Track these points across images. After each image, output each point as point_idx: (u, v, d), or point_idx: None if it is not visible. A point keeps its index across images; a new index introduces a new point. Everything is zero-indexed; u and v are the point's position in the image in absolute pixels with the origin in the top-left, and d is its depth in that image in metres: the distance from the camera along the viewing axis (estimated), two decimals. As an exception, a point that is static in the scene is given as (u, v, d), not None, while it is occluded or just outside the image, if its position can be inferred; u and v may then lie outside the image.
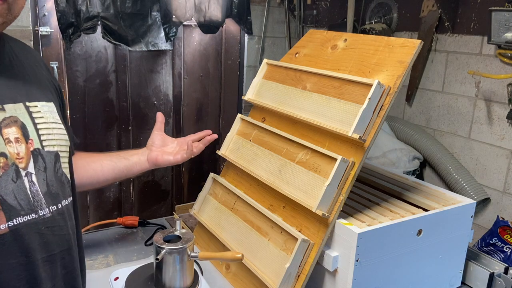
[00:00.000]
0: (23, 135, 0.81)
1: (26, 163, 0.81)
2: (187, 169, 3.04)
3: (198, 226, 1.50)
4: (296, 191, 1.18)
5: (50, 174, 0.85)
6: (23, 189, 0.79)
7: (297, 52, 1.46)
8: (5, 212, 0.76)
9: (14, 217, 0.77)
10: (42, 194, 0.82)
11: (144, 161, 1.24)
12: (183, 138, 1.32)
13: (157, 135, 1.29)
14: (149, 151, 1.26)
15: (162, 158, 1.25)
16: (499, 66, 2.02)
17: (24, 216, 0.78)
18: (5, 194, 0.76)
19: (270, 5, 2.98)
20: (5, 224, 0.75)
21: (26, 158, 0.81)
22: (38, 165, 0.83)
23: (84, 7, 2.32)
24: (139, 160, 1.24)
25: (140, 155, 1.24)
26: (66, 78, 2.49)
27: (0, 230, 0.75)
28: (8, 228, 0.76)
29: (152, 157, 1.24)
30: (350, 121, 1.13)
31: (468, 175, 2.17)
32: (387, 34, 2.46)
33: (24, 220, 0.78)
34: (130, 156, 1.23)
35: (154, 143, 1.27)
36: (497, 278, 1.32)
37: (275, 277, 1.13)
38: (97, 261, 1.38)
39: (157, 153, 1.25)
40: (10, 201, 0.77)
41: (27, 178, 0.80)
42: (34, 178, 0.82)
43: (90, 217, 2.77)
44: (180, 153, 1.26)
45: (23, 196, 0.79)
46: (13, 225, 0.76)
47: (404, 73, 1.13)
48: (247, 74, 3.03)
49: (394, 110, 2.59)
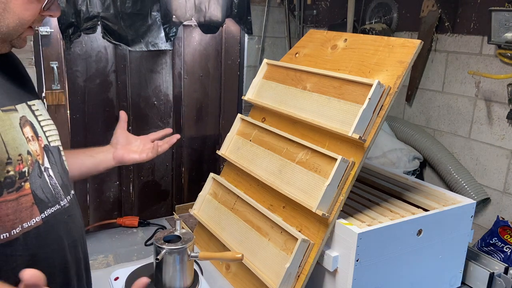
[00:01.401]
0: (34, 133, 0.86)
1: (42, 159, 0.87)
2: (187, 169, 3.04)
3: (198, 226, 1.50)
4: (296, 191, 1.18)
5: (59, 167, 0.92)
6: (46, 183, 0.86)
7: (297, 52, 1.46)
8: (38, 206, 0.83)
9: (45, 209, 0.84)
10: (60, 186, 0.90)
11: (110, 159, 1.27)
12: (146, 136, 1.35)
13: (121, 133, 1.31)
14: (114, 149, 1.28)
15: (128, 157, 1.28)
16: (499, 66, 2.02)
17: (51, 208, 0.86)
18: (35, 189, 0.83)
19: (270, 5, 2.97)
20: (39, 217, 0.83)
21: (41, 154, 0.87)
22: (50, 160, 0.89)
23: (84, 7, 2.32)
24: (105, 158, 1.26)
25: (106, 153, 1.27)
26: (66, 78, 2.49)
27: (36, 222, 0.82)
28: (42, 220, 0.83)
29: (118, 155, 1.27)
30: (350, 121, 1.13)
31: (468, 175, 2.17)
32: (387, 34, 2.46)
33: (52, 211, 0.86)
34: (96, 154, 1.25)
35: (119, 142, 1.29)
36: (497, 278, 1.32)
37: (275, 277, 1.13)
38: (97, 261, 1.38)
39: (123, 152, 1.28)
40: (40, 195, 0.84)
41: (46, 173, 0.87)
42: (51, 172, 0.88)
43: (90, 217, 2.77)
44: (145, 152, 1.29)
45: (48, 190, 0.86)
46: (45, 216, 0.84)
47: (404, 73, 1.13)
48: (247, 74, 3.03)
49: (394, 110, 2.58)
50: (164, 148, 1.33)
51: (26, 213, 0.80)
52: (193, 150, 3.04)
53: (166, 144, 1.34)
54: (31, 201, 0.82)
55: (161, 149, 1.32)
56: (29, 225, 0.81)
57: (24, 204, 0.80)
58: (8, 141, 0.78)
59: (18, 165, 0.80)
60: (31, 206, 0.81)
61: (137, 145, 1.32)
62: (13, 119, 0.82)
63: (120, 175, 2.80)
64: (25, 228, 0.80)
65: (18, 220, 0.79)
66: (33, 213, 0.82)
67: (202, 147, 3.07)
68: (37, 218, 0.82)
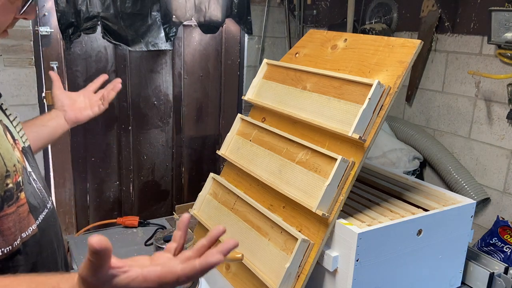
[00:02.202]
0: (12, 138, 0.82)
1: (25, 163, 0.83)
2: (187, 169, 3.04)
3: (198, 226, 1.50)
4: (296, 191, 1.18)
5: (37, 168, 0.89)
6: (35, 189, 0.84)
7: (297, 52, 1.46)
8: (33, 213, 0.81)
9: (38, 215, 0.83)
10: (43, 188, 0.87)
11: (63, 124, 1.21)
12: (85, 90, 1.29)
13: (61, 94, 1.24)
14: (64, 112, 1.22)
15: (82, 115, 1.23)
16: (499, 66, 2.02)
17: (42, 213, 0.84)
18: (28, 197, 0.80)
19: (270, 5, 2.97)
20: (35, 224, 0.81)
21: (23, 158, 0.83)
22: (30, 162, 0.86)
23: (84, 7, 2.32)
24: (57, 124, 1.20)
25: (57, 119, 1.20)
26: (66, 78, 2.49)
27: (33, 230, 0.80)
28: (37, 227, 0.81)
29: (71, 117, 1.22)
30: (350, 121, 1.13)
31: (468, 175, 2.17)
32: (387, 34, 2.46)
33: (43, 216, 0.84)
34: (48, 122, 1.18)
35: (64, 103, 1.23)
36: (497, 278, 1.32)
37: (275, 277, 1.13)
38: (97, 261, 1.38)
39: (74, 112, 1.22)
40: (33, 202, 0.81)
41: (31, 177, 0.84)
42: (34, 175, 0.86)
43: (90, 217, 2.77)
44: (95, 105, 1.25)
45: (37, 195, 0.84)
46: (39, 223, 0.82)
47: (404, 73, 1.13)
48: (247, 74, 3.03)
49: (394, 110, 2.58)
50: (112, 95, 1.27)
51: (24, 223, 0.78)
52: (193, 150, 3.04)
53: (112, 91, 1.28)
54: (27, 210, 0.79)
55: (109, 97, 1.27)
56: (27, 234, 0.79)
57: (22, 214, 0.78)
58: (3, 152, 0.75)
59: (15, 176, 0.77)
60: (27, 215, 0.79)
61: (82, 101, 1.25)
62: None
63: (120, 175, 2.80)
64: (24, 238, 0.78)
65: (18, 232, 0.77)
66: (30, 222, 0.80)
67: (202, 147, 3.07)
68: (33, 226, 0.80)
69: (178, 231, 0.71)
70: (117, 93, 1.31)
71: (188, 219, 0.72)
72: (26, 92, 2.31)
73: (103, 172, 2.76)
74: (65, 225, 2.66)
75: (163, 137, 2.89)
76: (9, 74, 2.26)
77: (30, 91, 2.32)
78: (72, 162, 2.61)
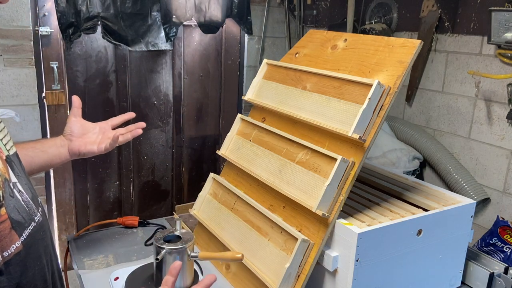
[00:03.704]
0: None
1: (8, 174, 0.76)
2: (187, 169, 3.04)
3: (198, 226, 1.50)
4: (296, 191, 1.18)
5: (24, 177, 0.81)
6: (19, 202, 0.76)
7: (297, 52, 1.46)
8: (16, 230, 0.73)
9: (23, 231, 0.75)
10: (31, 200, 0.80)
11: (64, 153, 1.13)
12: (105, 123, 1.20)
13: (75, 122, 1.15)
14: (69, 142, 1.14)
15: (85, 149, 1.13)
16: (499, 66, 2.02)
17: (28, 228, 0.76)
18: (10, 211, 0.73)
19: (270, 5, 2.98)
20: (19, 241, 0.74)
21: (6, 169, 0.76)
22: (15, 172, 0.79)
23: (84, 7, 2.32)
24: (58, 152, 1.12)
25: (59, 147, 1.12)
26: (66, 78, 2.49)
27: (16, 247, 0.73)
28: (22, 244, 0.74)
29: (74, 148, 1.13)
30: (350, 121, 1.13)
31: (468, 175, 2.17)
32: (387, 34, 2.46)
33: (29, 231, 0.76)
34: (48, 149, 1.11)
35: (73, 132, 1.14)
36: (497, 278, 1.32)
37: (275, 277, 1.13)
38: (97, 261, 1.38)
39: (79, 144, 1.13)
40: (16, 217, 0.74)
41: (16, 189, 0.76)
42: (19, 186, 0.78)
43: (90, 217, 2.77)
44: (104, 142, 1.14)
45: (22, 209, 0.76)
46: (24, 239, 0.75)
47: (404, 73, 1.13)
48: (247, 74, 3.03)
49: (394, 110, 2.58)
50: (126, 138, 1.17)
51: (5, 241, 0.71)
52: (193, 150, 3.04)
53: (129, 134, 1.18)
54: (9, 226, 0.72)
55: (123, 139, 1.17)
56: (10, 253, 0.71)
57: (2, 232, 0.70)
58: None
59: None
60: (9, 232, 0.72)
61: (95, 134, 1.17)
62: None
63: (120, 175, 2.80)
64: (6, 257, 0.71)
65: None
66: (12, 239, 0.72)
67: (202, 147, 3.07)
68: (17, 243, 0.73)
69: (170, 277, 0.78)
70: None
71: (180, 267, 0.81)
72: (26, 92, 2.31)
73: (103, 172, 2.76)
74: (65, 225, 2.66)
75: (163, 137, 2.89)
76: (9, 74, 2.26)
77: (30, 91, 2.32)
78: (72, 162, 2.61)
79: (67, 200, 2.64)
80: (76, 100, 1.18)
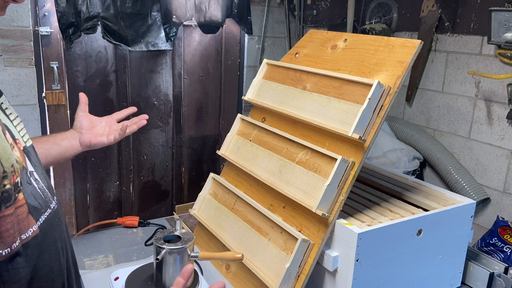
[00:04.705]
0: (12, 137, 0.81)
1: (26, 164, 0.82)
2: (187, 169, 3.04)
3: (198, 226, 1.50)
4: (296, 191, 1.19)
5: (40, 168, 0.88)
6: (36, 189, 0.82)
7: (297, 52, 1.46)
8: (33, 214, 0.79)
9: (39, 216, 0.81)
10: (46, 189, 0.86)
11: (76, 146, 1.21)
12: (110, 117, 1.29)
13: (83, 116, 1.24)
14: (80, 134, 1.22)
15: (96, 140, 1.22)
16: (499, 66, 2.02)
17: (44, 214, 0.83)
18: (28, 197, 0.79)
19: (270, 5, 2.97)
20: (36, 225, 0.80)
21: (23, 159, 0.82)
22: (32, 162, 0.85)
23: (84, 7, 2.32)
24: (71, 145, 1.20)
25: (71, 140, 1.21)
26: (66, 78, 2.49)
27: (34, 231, 0.79)
28: (38, 228, 0.80)
29: (85, 140, 1.22)
30: (350, 121, 1.13)
31: (468, 175, 2.17)
32: (387, 34, 2.46)
33: (46, 217, 0.83)
34: (61, 141, 1.18)
35: (83, 126, 1.23)
36: (497, 278, 1.32)
37: (275, 277, 1.13)
38: (97, 261, 1.38)
39: (89, 136, 1.22)
40: (33, 203, 0.80)
41: (33, 177, 0.83)
42: (36, 175, 0.84)
43: (90, 217, 2.77)
44: (112, 134, 1.24)
45: (38, 195, 0.82)
46: (40, 224, 0.81)
47: (404, 73, 1.13)
48: (247, 74, 3.03)
49: (394, 110, 2.58)
50: (132, 129, 1.27)
51: (23, 224, 0.77)
52: (193, 150, 3.04)
53: (135, 125, 1.28)
54: (26, 211, 0.78)
55: (129, 130, 1.26)
56: (27, 236, 0.78)
57: (20, 216, 0.77)
58: (0, 153, 0.74)
59: (12, 177, 0.76)
60: (27, 216, 0.78)
61: (103, 127, 1.26)
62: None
63: (120, 175, 2.80)
64: (24, 240, 0.77)
65: (17, 233, 0.76)
66: (30, 223, 0.79)
67: (202, 147, 3.07)
68: (34, 227, 0.79)
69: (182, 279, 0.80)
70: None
71: (192, 270, 0.82)
72: (26, 92, 2.31)
73: (103, 172, 2.76)
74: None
75: (163, 137, 2.89)
76: (9, 74, 2.26)
77: (30, 91, 2.32)
78: (72, 162, 2.61)
79: (67, 200, 2.64)
80: (83, 96, 1.26)
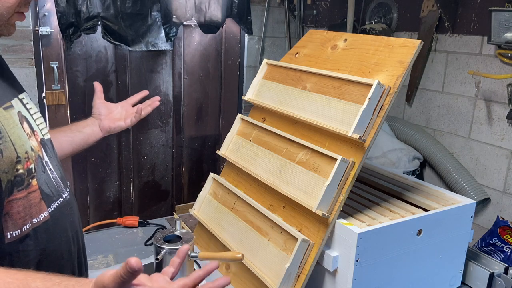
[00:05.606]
0: (30, 129, 0.86)
1: (42, 153, 0.87)
2: (187, 169, 3.04)
3: (198, 226, 1.50)
4: (296, 191, 1.19)
5: (55, 160, 0.93)
6: (49, 178, 0.87)
7: (297, 52, 1.46)
8: (45, 201, 0.84)
9: (51, 203, 0.86)
10: (60, 179, 0.91)
11: (97, 131, 1.27)
12: (125, 102, 1.35)
13: (101, 104, 1.31)
14: (99, 121, 1.28)
15: (115, 125, 1.28)
16: (499, 66, 2.02)
17: (56, 202, 0.87)
18: (41, 184, 0.84)
19: (270, 5, 2.97)
20: (47, 211, 0.84)
21: (40, 149, 0.87)
22: (48, 153, 0.90)
23: (84, 7, 2.32)
24: (92, 131, 1.26)
25: (92, 126, 1.27)
26: (66, 78, 2.49)
27: (44, 217, 0.84)
28: (49, 214, 0.85)
29: (105, 125, 1.27)
30: (350, 121, 1.13)
31: (468, 175, 2.17)
32: (387, 34, 2.46)
33: (57, 205, 0.87)
34: (83, 129, 1.24)
35: (101, 112, 1.29)
36: (497, 278, 1.32)
37: (275, 277, 1.13)
38: (97, 261, 1.38)
39: (108, 122, 1.28)
40: (46, 190, 0.85)
41: (47, 167, 0.88)
42: (51, 165, 0.89)
43: (90, 217, 2.77)
44: (129, 117, 1.29)
45: (51, 184, 0.87)
46: (51, 211, 0.86)
47: (404, 73, 1.13)
48: (247, 74, 3.03)
49: (394, 110, 2.58)
50: (147, 111, 1.32)
51: (35, 209, 0.82)
52: (193, 150, 3.04)
53: (149, 107, 1.32)
54: (39, 197, 0.83)
55: (144, 112, 1.31)
56: (38, 220, 0.82)
57: (33, 201, 0.81)
58: (15, 139, 0.79)
59: (26, 163, 0.81)
60: (39, 201, 0.83)
61: (119, 112, 1.32)
62: (14, 116, 0.82)
63: (120, 175, 2.80)
64: (35, 224, 0.82)
65: (28, 217, 0.81)
66: (41, 208, 0.83)
67: (202, 147, 3.07)
68: (45, 213, 0.84)
69: (177, 259, 0.82)
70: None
71: (187, 250, 0.84)
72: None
73: (103, 172, 2.76)
74: (65, 225, 2.65)
75: (163, 137, 2.89)
76: (9, 74, 2.26)
77: (30, 91, 2.32)
78: (72, 162, 2.61)
79: (67, 200, 2.63)
80: (97, 85, 1.32)
